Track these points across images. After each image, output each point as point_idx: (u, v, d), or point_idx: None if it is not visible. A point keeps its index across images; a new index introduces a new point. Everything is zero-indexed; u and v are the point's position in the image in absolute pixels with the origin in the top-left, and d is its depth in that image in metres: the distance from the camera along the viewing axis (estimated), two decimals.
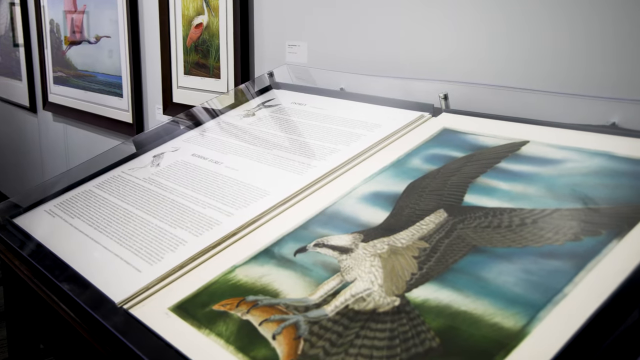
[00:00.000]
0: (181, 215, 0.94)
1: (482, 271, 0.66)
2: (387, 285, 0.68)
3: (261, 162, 1.05)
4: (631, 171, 0.76)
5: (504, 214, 0.74)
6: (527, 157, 0.85)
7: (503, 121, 0.96)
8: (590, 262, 0.63)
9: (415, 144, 0.98)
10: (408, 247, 0.73)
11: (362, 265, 0.72)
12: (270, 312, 0.69)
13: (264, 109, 1.31)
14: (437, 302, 0.64)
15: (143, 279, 0.81)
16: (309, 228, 0.84)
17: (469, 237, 0.72)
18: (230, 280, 0.77)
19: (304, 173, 0.98)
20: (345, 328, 0.64)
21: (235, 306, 0.72)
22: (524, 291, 0.62)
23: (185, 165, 1.12)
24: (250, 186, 0.98)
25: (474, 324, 0.60)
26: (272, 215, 0.89)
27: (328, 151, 1.03)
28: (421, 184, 0.86)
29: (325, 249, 0.77)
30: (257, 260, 0.80)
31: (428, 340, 0.59)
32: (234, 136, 1.21)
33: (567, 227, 0.69)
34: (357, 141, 1.03)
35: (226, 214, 0.91)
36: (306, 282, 0.73)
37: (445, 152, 0.93)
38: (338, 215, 0.85)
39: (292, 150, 1.07)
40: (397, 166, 0.93)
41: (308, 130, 1.13)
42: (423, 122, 1.05)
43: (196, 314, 0.72)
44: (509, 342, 0.56)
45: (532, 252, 0.67)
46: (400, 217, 0.80)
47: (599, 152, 0.81)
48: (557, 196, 0.75)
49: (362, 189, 0.89)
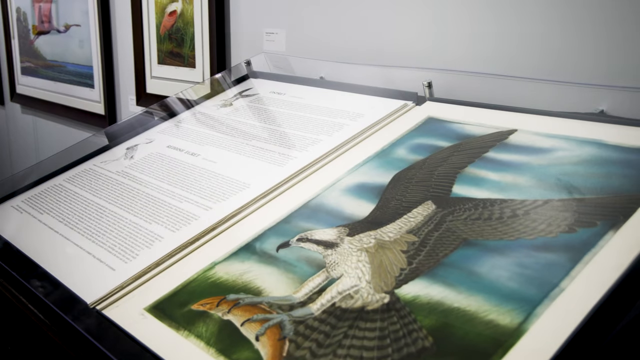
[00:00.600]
0: (157, 209, 0.90)
1: (474, 265, 0.63)
2: (375, 281, 0.65)
3: (240, 153, 1.01)
4: (622, 159, 0.74)
5: (494, 206, 0.72)
6: (516, 146, 0.83)
7: (489, 109, 0.94)
8: (587, 254, 0.60)
9: (399, 134, 0.95)
10: (396, 241, 0.70)
11: (349, 260, 0.69)
12: (253, 312, 0.66)
13: (241, 99, 1.27)
14: (429, 298, 0.61)
15: (117, 278, 0.76)
16: (291, 222, 0.80)
17: (459, 229, 0.69)
18: (210, 278, 0.73)
19: (285, 165, 0.94)
20: (332, 327, 0.61)
21: (215, 305, 0.68)
22: (519, 286, 0.59)
23: (161, 158, 1.08)
24: (229, 179, 0.94)
25: (468, 321, 0.57)
26: (252, 209, 0.85)
27: (309, 142, 0.99)
28: (407, 175, 0.83)
29: (309, 243, 0.74)
30: (237, 256, 0.76)
31: (420, 339, 0.56)
32: (210, 127, 1.16)
33: (561, 218, 0.66)
34: (340, 131, 1.00)
35: (204, 208, 0.87)
36: (290, 279, 0.69)
37: (431, 142, 0.90)
38: (321, 208, 0.81)
39: (271, 141, 1.04)
40: (382, 156, 0.90)
41: (288, 121, 1.10)
42: (407, 111, 1.02)
43: (174, 315, 0.68)
44: (506, 341, 0.53)
45: (526, 245, 0.64)
46: (386, 209, 0.77)
47: (588, 141, 0.79)
48: (548, 186, 0.73)
49: (346, 181, 0.86)
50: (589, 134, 0.81)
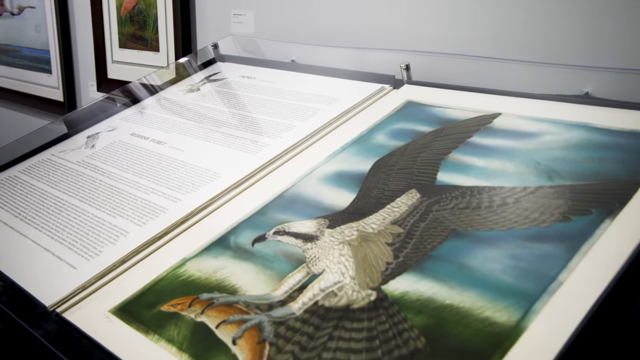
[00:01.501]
0: (121, 202, 0.84)
1: (465, 258, 0.59)
2: (360, 277, 0.61)
3: (209, 141, 0.96)
4: (613, 143, 0.70)
5: (482, 194, 0.68)
6: (501, 130, 0.79)
7: (471, 93, 0.90)
8: (584, 244, 0.57)
9: (378, 119, 0.90)
10: (380, 232, 0.66)
11: (330, 254, 0.65)
12: (229, 312, 0.61)
13: (208, 84, 1.21)
14: (418, 295, 0.57)
15: (78, 277, 0.71)
16: (266, 214, 0.75)
17: (446, 219, 0.65)
18: (181, 276, 0.68)
19: (258, 152, 0.89)
20: (316, 328, 0.56)
21: (187, 306, 0.63)
22: (514, 280, 0.55)
23: (124, 146, 1.01)
24: (198, 168, 0.88)
25: (462, 319, 0.53)
26: (224, 200, 0.80)
27: (283, 128, 0.94)
28: (388, 162, 0.79)
29: (287, 237, 0.69)
30: (210, 251, 0.71)
31: (412, 340, 0.52)
32: (177, 114, 1.10)
33: (554, 206, 0.63)
34: (314, 116, 0.95)
35: (172, 199, 0.82)
36: (267, 275, 0.65)
37: (412, 127, 0.86)
38: (299, 198, 0.77)
39: (242, 127, 0.98)
40: (360, 143, 0.85)
41: (259, 106, 1.04)
42: (384, 95, 0.98)
43: (142, 317, 0.63)
44: (505, 340, 0.50)
45: (518, 235, 0.60)
46: (368, 199, 0.73)
47: (576, 124, 0.76)
48: (538, 172, 0.69)
49: (324, 169, 0.81)
50: (576, 117, 0.77)
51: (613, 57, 0.86)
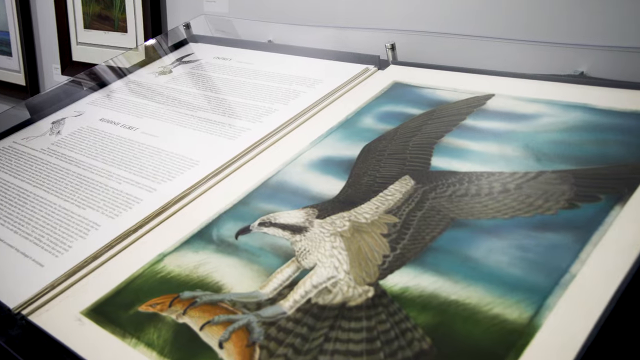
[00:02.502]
0: (91, 193, 0.78)
1: (468, 249, 0.55)
2: (355, 271, 0.56)
3: (184, 126, 0.90)
4: (616, 125, 0.67)
5: (481, 179, 0.64)
6: (495, 112, 0.75)
7: (460, 73, 0.86)
8: (594, 234, 0.53)
9: (364, 101, 0.85)
10: (374, 222, 0.62)
11: (321, 247, 0.60)
12: (214, 312, 0.56)
13: (181, 66, 1.15)
14: (420, 290, 0.52)
15: (46, 276, 0.65)
16: (250, 203, 0.70)
17: (444, 208, 0.61)
18: (159, 273, 0.63)
19: (237, 138, 0.83)
20: (310, 329, 0.52)
21: (167, 306, 0.58)
22: (522, 273, 0.52)
23: (93, 133, 0.95)
24: (174, 155, 0.83)
25: (469, 317, 0.49)
26: (203, 189, 0.75)
27: (263, 111, 0.89)
28: (378, 147, 0.74)
29: (274, 228, 0.64)
30: (190, 245, 0.66)
31: (417, 340, 0.48)
32: (148, 97, 1.04)
33: (558, 192, 0.59)
34: (296, 99, 0.90)
35: (147, 189, 0.76)
36: (254, 271, 0.60)
37: (400, 109, 0.81)
38: (284, 186, 0.72)
39: (219, 111, 0.93)
40: (347, 127, 0.81)
41: (237, 88, 0.99)
42: (369, 76, 0.93)
43: (118, 319, 0.58)
44: (518, 339, 0.46)
45: (523, 224, 0.57)
46: (358, 186, 0.68)
47: (575, 105, 0.72)
48: (538, 156, 0.65)
49: (309, 155, 0.77)
50: (573, 97, 0.74)
51: (608, 34, 0.83)
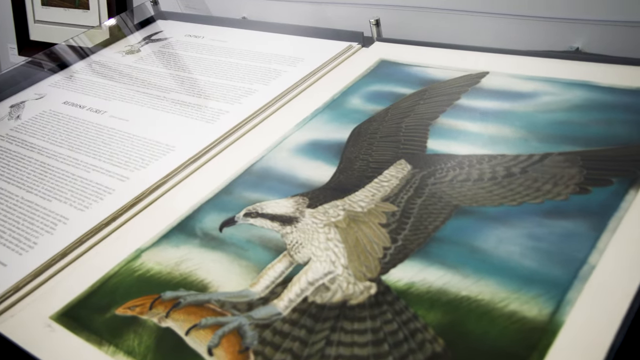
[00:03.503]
0: (57, 183, 0.72)
1: (475, 239, 0.51)
2: (354, 265, 0.52)
3: (157, 109, 0.84)
4: (620, 103, 0.64)
5: (482, 163, 0.60)
6: (491, 91, 0.71)
7: (451, 50, 0.81)
8: (611, 220, 0.50)
9: (350, 80, 0.80)
10: (370, 211, 0.57)
11: (315, 239, 0.55)
12: (200, 314, 0.51)
13: (150, 44, 1.08)
14: (427, 286, 0.48)
15: (10, 276, 0.59)
16: (233, 192, 0.65)
17: (446, 194, 0.57)
18: (136, 271, 0.57)
19: (216, 121, 0.78)
20: (309, 332, 0.47)
21: (148, 308, 0.52)
22: (537, 264, 0.48)
23: (56, 117, 0.88)
24: (147, 140, 0.76)
25: (484, 315, 0.45)
26: (181, 177, 0.69)
27: (242, 92, 0.83)
28: (369, 129, 0.70)
29: (261, 219, 0.59)
30: (169, 239, 0.60)
31: (428, 342, 0.44)
32: (116, 79, 0.97)
33: (567, 176, 0.55)
34: (277, 79, 0.84)
35: (119, 178, 0.70)
36: (242, 267, 0.55)
37: (389, 89, 0.77)
38: (269, 173, 0.67)
39: (195, 92, 0.86)
40: (334, 108, 0.76)
41: (212, 68, 0.92)
42: (353, 54, 0.88)
43: (93, 324, 0.52)
44: (539, 339, 0.42)
45: (533, 211, 0.53)
46: (351, 172, 0.63)
47: (575, 82, 0.68)
48: (541, 137, 0.62)
49: (295, 138, 0.71)
50: (573, 74, 0.70)
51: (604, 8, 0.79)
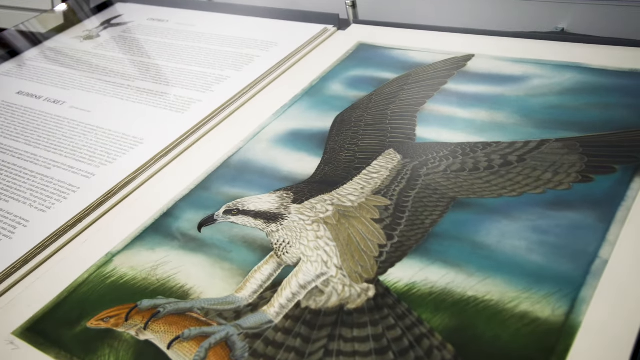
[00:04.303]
0: (14, 181, 0.66)
1: (476, 234, 0.48)
2: (348, 265, 0.48)
3: (121, 98, 0.78)
4: (616, 86, 0.61)
5: (477, 151, 0.56)
6: (479, 74, 0.68)
7: (432, 32, 0.78)
8: (619, 210, 0.47)
9: (328, 65, 0.76)
10: (361, 206, 0.53)
11: (304, 238, 0.51)
12: (182, 324, 0.46)
13: (109, 29, 1.01)
14: (430, 286, 0.45)
15: None
16: (210, 187, 0.60)
17: (441, 186, 0.53)
18: (109, 277, 0.52)
19: (187, 110, 0.73)
20: (305, 341, 0.43)
21: (124, 319, 0.48)
22: (545, 260, 0.45)
23: (10, 108, 0.81)
24: (112, 133, 0.71)
25: (493, 317, 0.42)
26: (152, 172, 0.64)
27: (214, 79, 0.78)
28: (352, 117, 0.66)
29: (243, 216, 0.55)
30: (143, 241, 0.55)
31: (436, 349, 0.40)
32: (74, 66, 0.91)
33: (567, 163, 0.53)
34: (250, 64, 0.80)
35: (84, 174, 0.65)
36: (226, 270, 0.50)
37: (371, 74, 0.73)
38: (248, 166, 0.62)
39: (162, 80, 0.81)
40: (313, 95, 0.71)
41: (179, 54, 0.87)
42: (329, 37, 0.83)
43: (62, 339, 0.47)
44: (556, 342, 0.39)
45: (535, 202, 0.50)
46: (337, 163, 0.59)
47: (566, 65, 0.66)
48: (536, 123, 0.59)
49: (274, 128, 0.67)
50: (563, 56, 0.67)
51: None
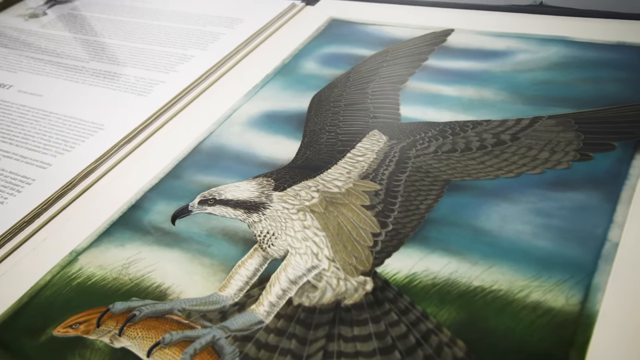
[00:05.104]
0: None
1: (476, 219, 0.45)
2: (340, 257, 0.44)
3: (77, 81, 0.72)
4: (604, 60, 0.59)
5: (467, 130, 0.53)
6: (461, 50, 0.65)
7: (406, 6, 0.74)
8: (623, 189, 0.45)
9: (299, 43, 0.72)
10: (349, 192, 0.50)
11: (289, 228, 0.47)
12: (162, 329, 0.42)
13: (56, 7, 0.94)
14: (432, 277, 0.42)
15: None
16: (182, 176, 0.56)
17: (433, 168, 0.50)
18: (75, 278, 0.47)
19: (150, 93, 0.67)
20: (301, 342, 0.39)
21: (95, 325, 0.43)
22: (552, 245, 0.42)
23: None
24: (69, 118, 0.65)
25: (503, 309, 0.39)
26: (116, 160, 0.59)
27: (177, 59, 0.72)
28: (331, 96, 0.62)
29: (221, 207, 0.50)
30: (111, 236, 0.50)
31: (446, 346, 0.37)
32: (20, 47, 0.84)
33: (564, 141, 0.50)
34: (215, 42, 0.74)
35: (39, 165, 0.59)
36: (206, 266, 0.46)
37: (346, 50, 0.69)
38: (222, 151, 0.58)
39: (119, 61, 0.75)
40: (286, 73, 0.67)
41: (137, 32, 0.81)
42: (297, 13, 0.79)
43: (24, 349, 0.42)
44: (574, 334, 0.36)
45: (534, 183, 0.47)
46: (318, 146, 0.55)
47: (552, 38, 0.63)
48: (526, 99, 0.56)
49: (246, 110, 0.62)
50: (547, 30, 0.65)
51: None
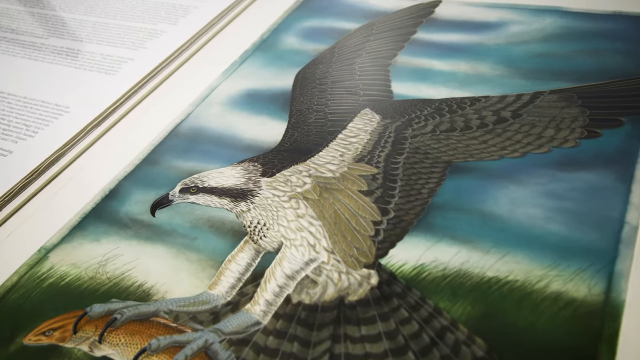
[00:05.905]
0: None
1: (484, 203, 0.42)
2: (340, 248, 0.41)
3: (35, 59, 0.66)
4: (602, 30, 0.56)
5: (465, 107, 0.50)
6: (450, 22, 0.61)
7: None
8: (636, 168, 0.42)
9: (278, 16, 0.67)
10: (344, 176, 0.46)
11: (281, 217, 0.43)
12: (148, 333, 0.38)
13: None
14: (442, 268, 0.39)
15: None
16: (159, 161, 0.51)
17: (432, 148, 0.47)
18: (46, 279, 0.43)
19: (118, 71, 0.62)
20: (304, 345, 0.36)
21: (71, 331, 0.39)
22: (567, 230, 0.39)
23: None
24: (29, 100, 0.60)
25: (521, 301, 0.36)
26: (84, 146, 0.54)
27: (146, 35, 0.67)
28: (316, 73, 0.58)
29: (204, 195, 0.46)
30: (84, 231, 0.46)
31: (464, 344, 0.34)
32: None
33: (569, 117, 0.47)
34: (187, 17, 0.69)
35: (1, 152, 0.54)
36: (193, 262, 0.42)
37: (329, 24, 0.65)
38: (202, 134, 0.53)
39: (82, 37, 0.69)
40: (265, 49, 0.63)
41: (100, 6, 0.75)
42: None
43: None
44: (600, 327, 0.34)
45: (541, 163, 0.44)
46: (306, 127, 0.52)
47: (545, 9, 0.60)
48: (524, 74, 0.53)
49: (225, 89, 0.58)
50: (539, 0, 0.62)
51: None
